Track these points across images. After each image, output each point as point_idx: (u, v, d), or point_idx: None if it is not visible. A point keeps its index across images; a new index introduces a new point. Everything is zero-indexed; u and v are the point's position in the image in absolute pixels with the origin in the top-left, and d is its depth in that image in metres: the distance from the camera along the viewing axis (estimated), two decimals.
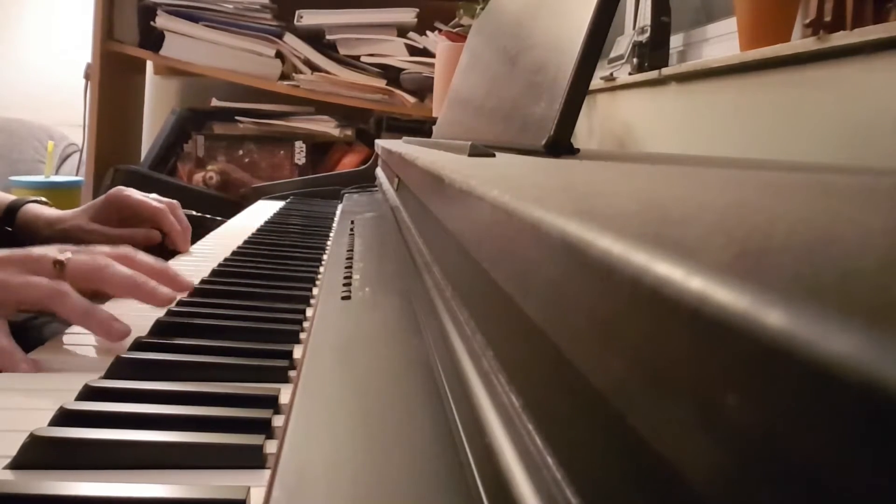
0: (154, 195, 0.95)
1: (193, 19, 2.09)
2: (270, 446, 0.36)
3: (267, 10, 2.11)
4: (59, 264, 0.55)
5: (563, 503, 0.18)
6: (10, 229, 0.91)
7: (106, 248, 0.62)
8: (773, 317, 0.09)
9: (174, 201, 0.95)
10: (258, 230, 1.10)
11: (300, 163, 2.16)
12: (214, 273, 0.75)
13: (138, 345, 0.51)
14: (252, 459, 0.35)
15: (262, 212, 1.37)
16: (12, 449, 0.34)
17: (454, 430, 0.31)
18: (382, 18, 2.12)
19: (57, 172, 2.27)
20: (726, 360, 0.10)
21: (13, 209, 0.92)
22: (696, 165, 0.51)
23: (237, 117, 2.15)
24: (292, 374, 0.47)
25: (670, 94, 1.07)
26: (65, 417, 0.37)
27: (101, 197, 0.92)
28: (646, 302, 0.13)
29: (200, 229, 1.17)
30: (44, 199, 0.97)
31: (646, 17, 1.15)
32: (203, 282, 0.70)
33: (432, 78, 1.75)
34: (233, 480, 0.33)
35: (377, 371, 0.43)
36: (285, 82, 2.12)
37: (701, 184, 0.31)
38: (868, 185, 0.32)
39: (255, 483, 0.32)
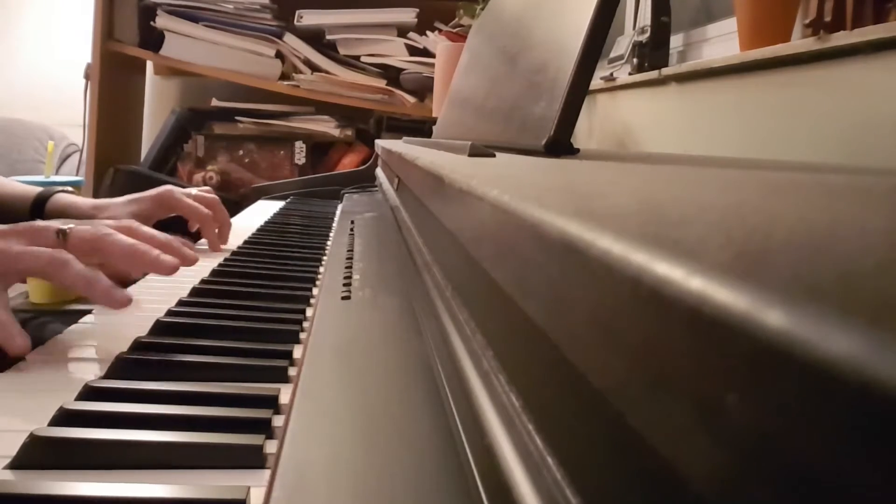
0: (196, 191, 0.96)
1: (193, 19, 2.09)
2: (270, 446, 0.36)
3: (267, 10, 2.11)
4: (61, 233, 0.55)
5: (563, 503, 0.18)
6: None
7: (109, 221, 0.61)
8: (773, 317, 0.09)
9: (215, 198, 0.96)
10: (258, 230, 1.10)
11: (300, 163, 2.16)
12: (214, 273, 0.75)
13: (138, 345, 0.51)
14: (252, 459, 0.35)
15: (262, 212, 1.37)
16: (12, 449, 0.34)
17: (454, 430, 0.31)
18: (382, 18, 2.12)
19: (57, 172, 2.27)
20: (726, 361, 0.10)
21: (41, 200, 0.91)
22: (696, 165, 0.51)
23: (237, 117, 2.15)
24: (292, 374, 0.47)
25: (670, 94, 1.07)
26: (65, 417, 0.37)
27: (150, 195, 0.93)
28: (646, 302, 0.13)
29: None
30: (70, 188, 0.96)
31: (646, 17, 1.15)
32: (203, 282, 0.70)
33: (432, 78, 1.75)
34: (233, 480, 0.33)
35: (377, 371, 0.43)
36: (285, 82, 2.12)
37: (701, 184, 0.31)
38: (868, 185, 0.32)
39: (255, 483, 0.32)
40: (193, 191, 0.96)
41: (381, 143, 1.43)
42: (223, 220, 0.97)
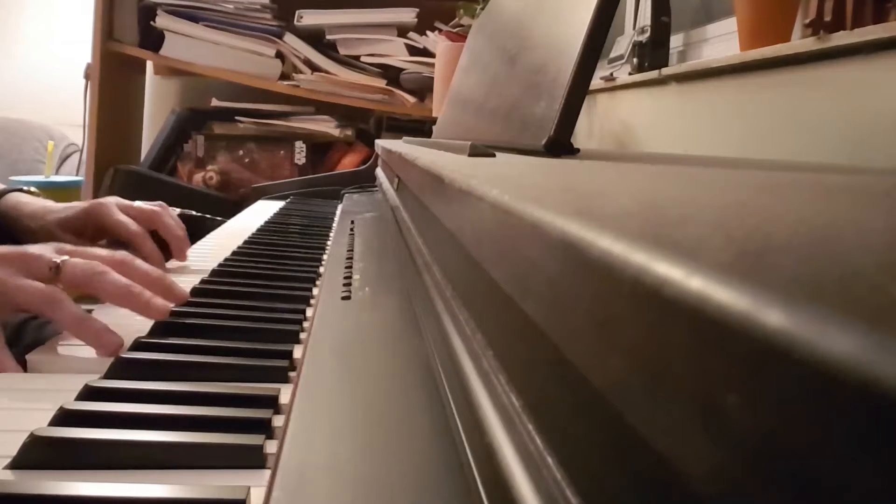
0: (139, 205, 0.85)
1: (193, 19, 2.09)
2: (270, 446, 0.36)
3: (267, 10, 2.11)
4: (54, 267, 0.55)
5: (563, 503, 0.18)
6: None
7: (104, 253, 0.61)
8: (773, 317, 0.09)
9: (157, 211, 0.84)
10: (258, 230, 1.10)
11: (300, 163, 2.16)
12: (214, 273, 0.75)
13: (138, 345, 0.51)
14: (252, 459, 0.35)
15: (262, 212, 1.37)
16: (12, 449, 0.34)
17: (454, 430, 0.31)
18: (382, 18, 2.12)
19: (57, 172, 2.27)
20: (726, 360, 0.10)
21: None
22: (696, 165, 0.51)
23: (237, 117, 2.15)
24: (292, 374, 0.47)
25: (670, 94, 1.07)
26: (65, 417, 0.37)
27: (81, 206, 0.84)
28: (646, 302, 0.13)
29: (200, 229, 1.17)
30: (33, 188, 0.91)
31: (646, 17, 1.15)
32: (203, 282, 0.70)
33: (432, 78, 1.75)
34: (233, 480, 0.33)
35: (377, 371, 0.43)
36: (285, 82, 2.12)
37: (701, 184, 0.31)
38: (868, 185, 0.32)
39: (255, 483, 0.32)
40: (137, 203, 0.85)
41: (381, 143, 1.43)
42: (172, 236, 0.84)
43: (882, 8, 0.65)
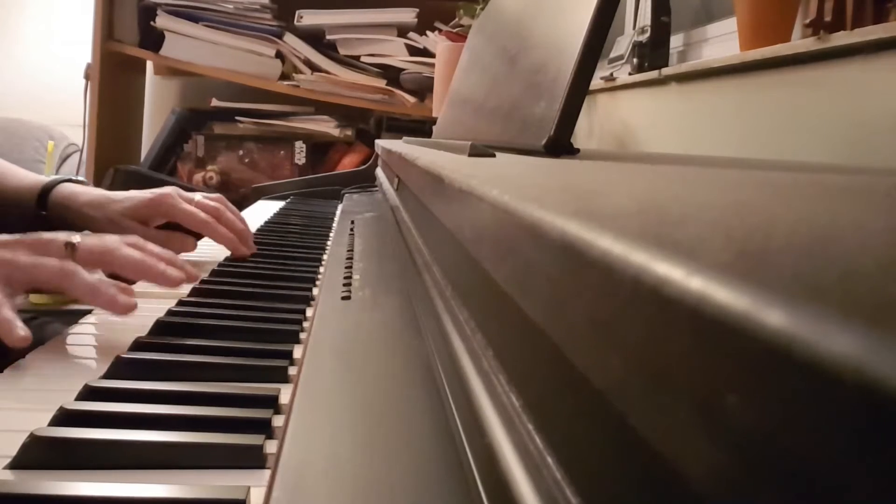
0: (199, 197, 0.86)
1: (193, 19, 2.09)
2: (270, 446, 0.36)
3: (267, 10, 2.11)
4: (69, 246, 0.56)
5: (563, 503, 0.18)
6: (44, 213, 0.85)
7: (116, 236, 0.62)
8: (773, 317, 0.09)
9: (218, 206, 0.86)
10: (258, 230, 1.10)
11: (300, 163, 2.16)
12: (214, 273, 0.75)
13: (138, 345, 0.51)
14: (252, 459, 0.35)
15: (262, 212, 1.37)
16: (12, 449, 0.34)
17: (454, 430, 0.31)
18: (382, 18, 2.12)
19: (57, 172, 2.27)
20: (726, 360, 0.10)
21: (46, 190, 0.85)
22: (696, 165, 0.51)
23: (237, 117, 2.15)
24: (292, 374, 0.47)
25: (670, 94, 1.07)
26: (65, 417, 0.37)
27: (145, 196, 0.85)
28: (646, 302, 0.13)
29: None
30: (81, 178, 0.91)
31: (646, 17, 1.15)
32: (203, 282, 0.70)
33: (432, 78, 1.75)
34: (233, 480, 0.33)
35: (377, 371, 0.43)
36: (285, 82, 2.12)
37: (701, 184, 0.31)
38: (868, 185, 0.32)
39: (255, 483, 0.32)
40: (197, 196, 0.87)
41: (381, 143, 1.43)
42: (236, 229, 0.85)
43: (882, 8, 0.65)
